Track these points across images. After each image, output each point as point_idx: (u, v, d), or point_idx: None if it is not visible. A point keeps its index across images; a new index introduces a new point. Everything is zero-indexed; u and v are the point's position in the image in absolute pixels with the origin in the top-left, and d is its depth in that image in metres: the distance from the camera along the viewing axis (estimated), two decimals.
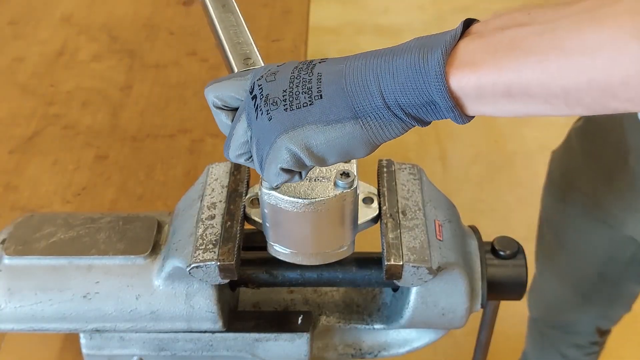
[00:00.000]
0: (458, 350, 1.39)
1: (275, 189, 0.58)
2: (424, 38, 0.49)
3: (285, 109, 0.50)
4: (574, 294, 1.19)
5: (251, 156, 0.53)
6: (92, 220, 0.71)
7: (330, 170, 0.60)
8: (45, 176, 1.09)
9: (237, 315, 0.74)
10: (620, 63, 0.41)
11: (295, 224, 0.60)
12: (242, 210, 0.66)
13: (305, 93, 0.50)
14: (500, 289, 0.72)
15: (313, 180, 0.59)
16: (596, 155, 1.00)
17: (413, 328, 0.74)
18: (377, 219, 0.66)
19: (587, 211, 1.05)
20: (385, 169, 0.70)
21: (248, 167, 0.70)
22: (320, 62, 0.52)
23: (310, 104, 0.49)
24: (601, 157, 0.99)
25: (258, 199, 0.65)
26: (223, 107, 0.56)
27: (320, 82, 0.50)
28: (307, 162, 0.51)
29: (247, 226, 0.67)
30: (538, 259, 1.23)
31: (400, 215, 0.65)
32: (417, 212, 0.66)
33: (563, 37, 0.43)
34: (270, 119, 0.50)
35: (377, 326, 0.75)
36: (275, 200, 0.58)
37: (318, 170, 0.60)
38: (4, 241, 0.69)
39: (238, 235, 0.64)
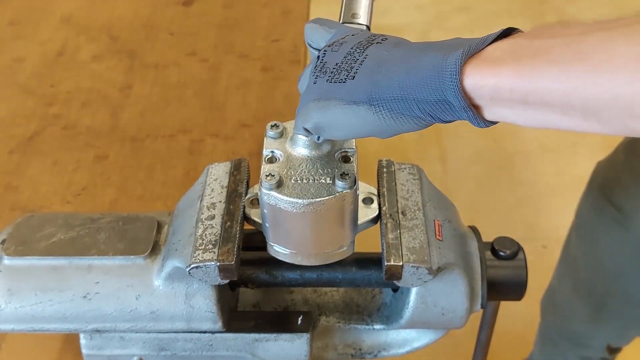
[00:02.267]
0: (458, 350, 1.39)
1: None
2: (461, 39, 0.50)
3: (327, 80, 0.54)
4: (590, 308, 1.18)
5: None
6: (92, 220, 0.71)
7: (330, 170, 0.60)
8: (45, 176, 1.09)
9: (236, 316, 0.74)
10: None
11: (295, 224, 0.60)
12: (241, 210, 0.66)
13: (346, 71, 0.53)
14: (500, 290, 0.72)
15: (313, 180, 0.59)
16: (639, 172, 0.98)
17: (413, 328, 0.74)
18: (377, 219, 0.66)
19: (618, 228, 1.04)
20: (385, 169, 0.70)
21: (247, 168, 0.70)
22: (378, 42, 0.54)
23: (343, 82, 0.52)
24: None
25: (258, 199, 0.65)
26: (311, 46, 0.62)
27: (362, 65, 0.52)
28: (327, 133, 0.55)
29: (247, 226, 0.67)
30: (560, 265, 1.22)
31: (400, 216, 0.65)
32: (417, 212, 0.66)
33: (590, 49, 0.42)
34: (315, 83, 0.55)
35: (377, 326, 0.75)
36: (274, 200, 0.58)
37: (318, 170, 0.60)
38: (4, 241, 0.69)
39: (238, 236, 0.64)
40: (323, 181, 0.59)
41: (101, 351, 0.73)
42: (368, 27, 0.65)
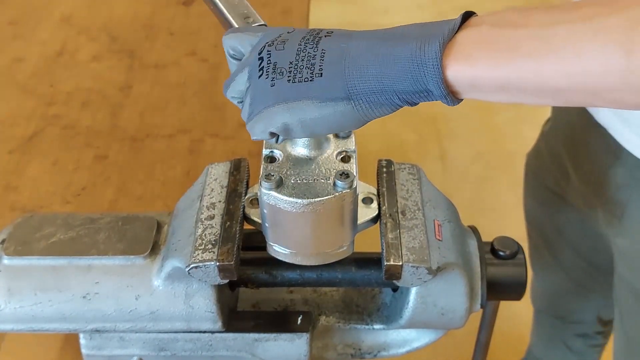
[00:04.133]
0: (458, 350, 1.39)
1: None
2: (423, 26, 0.51)
3: (289, 81, 0.53)
4: (571, 285, 1.21)
5: (242, 101, 0.58)
6: (91, 220, 0.71)
7: (329, 170, 0.60)
8: (45, 176, 1.09)
9: (236, 315, 0.74)
10: (610, 72, 0.45)
11: (295, 224, 0.60)
12: (241, 210, 0.66)
13: (308, 68, 0.53)
14: (499, 289, 0.72)
15: (312, 180, 0.59)
16: (559, 155, 1.04)
17: (413, 328, 0.74)
18: (376, 219, 0.66)
19: (561, 209, 1.08)
20: (384, 169, 0.70)
21: (247, 168, 0.70)
22: (326, 36, 0.54)
23: (311, 80, 0.52)
24: (562, 157, 1.03)
25: (257, 199, 0.65)
26: (234, 57, 0.61)
27: (323, 60, 0.53)
28: (297, 133, 0.55)
29: (247, 226, 0.67)
30: (530, 257, 1.24)
31: (400, 216, 0.65)
32: (417, 212, 0.66)
33: (559, 44, 0.46)
34: (272, 85, 0.54)
35: (376, 326, 0.75)
36: (274, 200, 0.58)
37: (318, 170, 0.60)
38: (3, 241, 0.69)
39: (237, 236, 0.64)
40: (323, 181, 0.59)
41: (101, 351, 0.73)
42: (266, 25, 0.65)
